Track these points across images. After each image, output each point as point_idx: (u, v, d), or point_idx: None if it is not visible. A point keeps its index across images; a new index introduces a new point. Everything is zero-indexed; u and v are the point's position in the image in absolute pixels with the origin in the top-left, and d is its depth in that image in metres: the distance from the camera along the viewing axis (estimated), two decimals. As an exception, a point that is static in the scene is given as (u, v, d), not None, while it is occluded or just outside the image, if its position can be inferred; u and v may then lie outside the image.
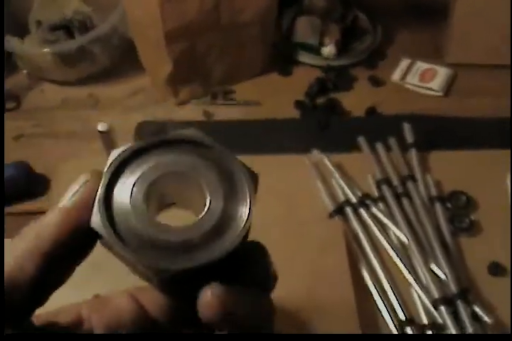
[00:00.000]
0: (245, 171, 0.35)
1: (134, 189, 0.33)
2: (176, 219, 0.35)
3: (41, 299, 0.33)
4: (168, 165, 0.34)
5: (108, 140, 0.59)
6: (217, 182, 0.34)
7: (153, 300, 0.39)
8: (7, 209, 1.01)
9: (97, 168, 0.35)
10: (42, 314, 0.36)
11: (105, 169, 0.34)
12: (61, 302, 0.38)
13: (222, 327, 0.33)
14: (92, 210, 0.33)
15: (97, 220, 0.33)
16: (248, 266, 0.35)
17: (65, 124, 1.17)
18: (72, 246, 0.34)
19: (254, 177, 0.35)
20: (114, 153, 0.34)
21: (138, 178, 0.34)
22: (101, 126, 0.59)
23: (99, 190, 0.33)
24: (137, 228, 0.33)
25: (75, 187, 0.34)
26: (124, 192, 0.33)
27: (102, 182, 0.33)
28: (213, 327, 0.33)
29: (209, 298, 0.32)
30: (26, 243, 0.32)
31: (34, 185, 1.04)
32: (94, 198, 0.33)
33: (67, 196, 0.34)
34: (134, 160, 0.34)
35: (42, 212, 0.34)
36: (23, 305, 0.32)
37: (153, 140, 0.35)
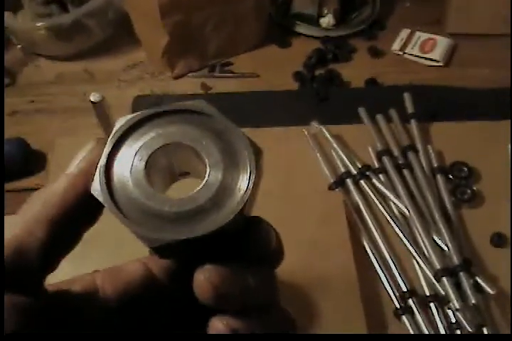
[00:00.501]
0: (248, 144, 0.34)
1: (135, 159, 0.33)
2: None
3: (51, 264, 0.34)
4: (170, 135, 0.34)
5: (101, 111, 0.58)
6: (218, 154, 0.33)
7: (160, 264, 0.39)
8: (5, 186, 1.00)
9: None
10: (56, 284, 0.36)
11: (109, 137, 0.34)
12: (60, 278, 0.37)
13: (220, 306, 0.33)
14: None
15: (96, 187, 0.33)
16: (249, 242, 0.35)
17: (61, 99, 1.16)
18: (80, 212, 0.34)
19: (257, 152, 0.34)
20: (120, 121, 0.34)
21: (139, 148, 0.34)
22: (93, 97, 0.57)
23: (101, 158, 0.33)
24: (134, 197, 0.32)
25: (81, 155, 0.35)
26: (125, 161, 0.33)
27: (104, 150, 0.33)
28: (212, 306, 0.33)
29: (202, 281, 0.32)
30: (34, 209, 0.33)
31: (31, 162, 1.03)
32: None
33: (74, 163, 0.35)
34: (137, 129, 0.34)
35: (40, 188, 0.35)
36: (33, 269, 0.33)
37: (157, 110, 0.34)
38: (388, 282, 0.87)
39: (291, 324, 0.38)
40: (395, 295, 0.86)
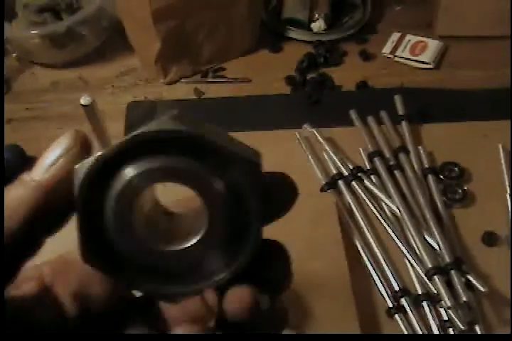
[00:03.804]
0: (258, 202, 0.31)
1: (120, 196, 0.30)
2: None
3: (12, 272, 0.31)
4: (172, 170, 0.30)
5: (92, 114, 0.59)
6: (221, 210, 0.31)
7: None
8: (0, 193, 1.00)
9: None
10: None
11: (79, 180, 0.30)
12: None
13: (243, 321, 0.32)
14: (69, 187, 0.30)
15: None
16: (263, 268, 0.33)
17: (56, 107, 1.17)
18: (43, 221, 0.31)
19: (255, 160, 0.31)
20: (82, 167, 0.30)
21: (131, 179, 0.30)
22: (84, 100, 0.58)
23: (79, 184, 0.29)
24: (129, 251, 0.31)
25: (52, 156, 0.31)
26: (109, 197, 0.30)
27: (81, 176, 0.30)
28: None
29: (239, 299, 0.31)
30: None
31: (26, 168, 1.04)
32: (73, 173, 0.30)
33: (42, 165, 0.31)
34: (135, 152, 0.30)
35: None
36: None
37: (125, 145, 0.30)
38: (381, 281, 0.87)
39: (284, 318, 0.36)
40: (387, 294, 0.86)
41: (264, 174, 0.32)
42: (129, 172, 0.30)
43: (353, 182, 0.97)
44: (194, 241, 0.31)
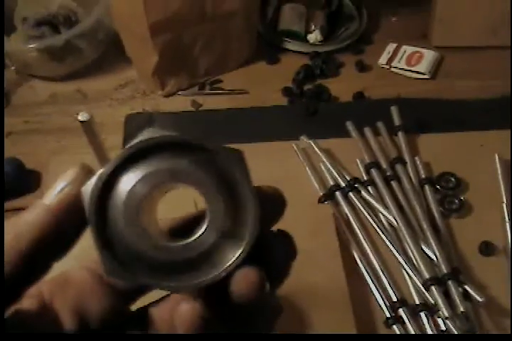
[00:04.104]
0: (255, 204, 0.32)
1: (128, 195, 0.32)
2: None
3: (16, 295, 0.32)
4: (172, 174, 0.32)
5: (90, 130, 0.60)
6: (217, 197, 0.32)
7: None
8: (-1, 205, 1.01)
9: (87, 163, 0.34)
10: None
11: (94, 181, 0.32)
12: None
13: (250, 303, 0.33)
14: (76, 210, 0.32)
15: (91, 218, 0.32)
16: (265, 252, 0.34)
17: (55, 120, 1.17)
18: (53, 244, 0.32)
19: (240, 156, 0.33)
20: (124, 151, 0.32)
21: (135, 183, 0.32)
22: (81, 116, 0.59)
23: (93, 187, 0.31)
24: (126, 238, 0.32)
25: (61, 183, 0.33)
26: (116, 207, 0.32)
27: (94, 182, 0.32)
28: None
29: (247, 279, 0.32)
30: (5, 241, 0.31)
31: (26, 181, 1.05)
32: (81, 197, 0.32)
33: (52, 192, 0.33)
34: (136, 159, 0.32)
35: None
36: None
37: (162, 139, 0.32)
38: (378, 292, 0.88)
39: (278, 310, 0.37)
40: (385, 304, 0.87)
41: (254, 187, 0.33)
42: (131, 179, 0.32)
43: (350, 193, 0.98)
44: (199, 232, 0.32)
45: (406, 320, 0.85)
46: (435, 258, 0.89)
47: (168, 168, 0.32)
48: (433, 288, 0.85)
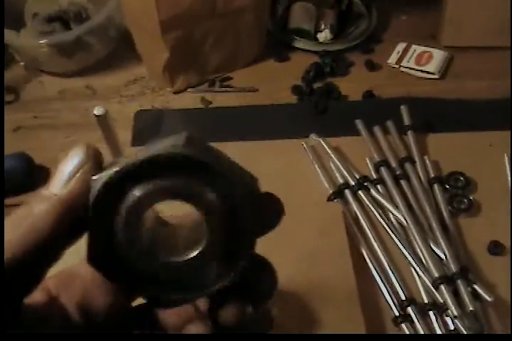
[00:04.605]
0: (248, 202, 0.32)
1: (129, 211, 0.32)
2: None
3: (29, 285, 0.32)
4: (174, 191, 0.32)
5: (105, 124, 0.60)
6: (220, 224, 0.33)
7: None
8: (7, 201, 1.01)
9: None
10: None
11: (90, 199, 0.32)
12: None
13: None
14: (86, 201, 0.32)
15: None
16: (250, 279, 0.35)
17: (64, 115, 1.17)
18: (62, 236, 0.32)
19: (252, 181, 0.33)
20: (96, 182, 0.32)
21: (137, 199, 0.32)
22: (97, 110, 0.59)
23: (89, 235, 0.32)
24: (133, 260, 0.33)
25: (68, 167, 0.32)
26: (119, 214, 0.32)
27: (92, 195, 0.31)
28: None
29: (233, 315, 0.34)
30: (19, 233, 0.31)
31: (34, 176, 1.05)
32: (90, 185, 0.32)
33: (59, 179, 0.32)
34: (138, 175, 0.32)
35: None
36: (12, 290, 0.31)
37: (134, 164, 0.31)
38: (387, 290, 0.88)
39: (269, 323, 0.38)
40: (394, 303, 0.87)
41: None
42: (139, 191, 0.32)
43: (360, 192, 0.98)
44: (195, 253, 0.33)
45: (414, 319, 0.85)
46: (444, 257, 0.89)
47: (179, 186, 0.32)
48: (442, 286, 0.85)
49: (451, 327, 0.84)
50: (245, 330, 0.35)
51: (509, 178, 1.00)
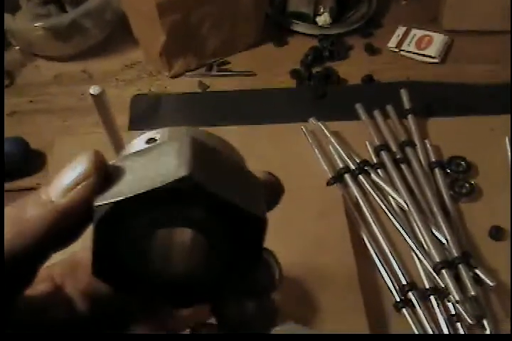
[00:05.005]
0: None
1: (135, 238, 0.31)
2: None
3: (18, 286, 0.31)
4: (170, 221, 0.31)
5: (101, 104, 0.58)
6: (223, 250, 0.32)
7: None
8: (4, 186, 1.00)
9: (92, 143, 0.32)
10: None
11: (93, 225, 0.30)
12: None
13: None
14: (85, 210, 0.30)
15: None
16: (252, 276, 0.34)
17: (60, 100, 1.16)
18: (56, 239, 0.31)
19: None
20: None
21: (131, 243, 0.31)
22: (93, 90, 0.58)
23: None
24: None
25: (70, 176, 0.31)
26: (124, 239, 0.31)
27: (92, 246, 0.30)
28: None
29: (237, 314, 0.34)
30: (7, 238, 0.29)
31: (31, 161, 1.04)
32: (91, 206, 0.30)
33: (59, 185, 0.31)
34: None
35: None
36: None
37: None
38: (388, 275, 0.87)
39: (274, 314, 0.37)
40: (394, 288, 0.86)
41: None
42: (143, 219, 0.30)
43: (360, 176, 0.97)
44: (194, 269, 0.33)
45: (416, 304, 0.84)
46: (445, 242, 0.88)
47: (183, 215, 0.30)
48: (443, 271, 0.84)
49: (453, 312, 0.83)
50: (251, 326, 0.34)
51: (510, 162, 0.99)
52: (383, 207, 0.93)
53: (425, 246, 0.89)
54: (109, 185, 0.30)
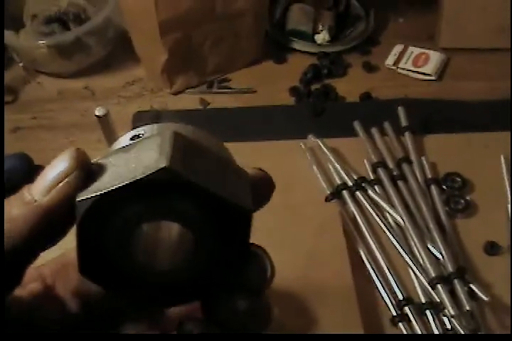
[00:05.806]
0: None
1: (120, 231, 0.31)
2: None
3: (10, 283, 0.32)
4: (163, 213, 0.31)
5: (106, 124, 0.60)
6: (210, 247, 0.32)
7: None
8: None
9: (94, 159, 0.32)
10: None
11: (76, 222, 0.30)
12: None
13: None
14: (68, 207, 0.31)
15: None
16: (243, 272, 0.34)
17: (63, 116, 1.18)
18: (39, 240, 0.31)
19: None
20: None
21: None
22: (98, 111, 0.60)
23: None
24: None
25: (52, 174, 0.31)
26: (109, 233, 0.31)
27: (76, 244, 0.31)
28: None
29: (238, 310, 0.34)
30: None
31: (34, 177, 1.05)
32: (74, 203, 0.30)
33: (42, 184, 0.32)
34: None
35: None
36: None
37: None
38: (385, 290, 0.88)
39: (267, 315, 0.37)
40: (391, 303, 0.87)
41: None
42: (124, 212, 0.30)
43: (357, 192, 0.98)
44: (181, 266, 0.33)
45: (412, 319, 0.85)
46: (441, 257, 0.89)
47: (168, 207, 0.30)
48: (439, 286, 0.86)
49: (448, 327, 0.84)
50: (242, 323, 0.34)
51: (505, 179, 1.01)
52: (380, 222, 0.95)
53: (421, 261, 0.90)
54: (92, 182, 0.31)
